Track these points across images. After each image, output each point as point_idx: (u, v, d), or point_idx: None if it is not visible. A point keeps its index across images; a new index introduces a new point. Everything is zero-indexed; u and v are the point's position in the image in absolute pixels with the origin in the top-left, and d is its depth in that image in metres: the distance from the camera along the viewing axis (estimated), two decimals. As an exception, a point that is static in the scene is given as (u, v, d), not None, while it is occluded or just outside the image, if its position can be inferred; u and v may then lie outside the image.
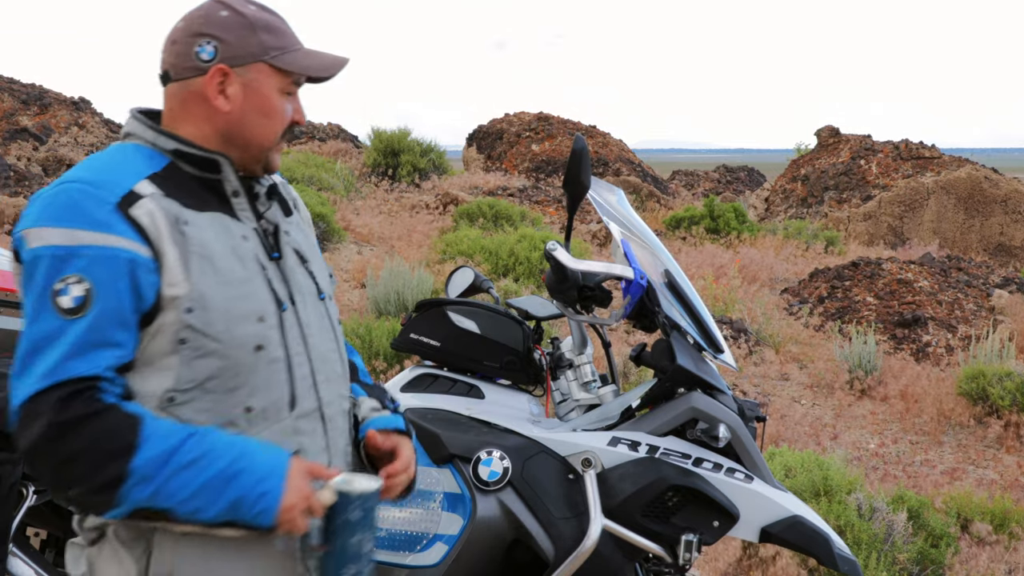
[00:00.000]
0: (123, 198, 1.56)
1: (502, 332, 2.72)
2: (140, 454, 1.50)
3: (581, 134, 3.85)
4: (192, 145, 1.67)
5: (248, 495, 1.54)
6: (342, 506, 1.59)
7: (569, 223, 2.67)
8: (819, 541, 2.48)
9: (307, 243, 1.85)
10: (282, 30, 1.71)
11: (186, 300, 1.57)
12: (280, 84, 1.70)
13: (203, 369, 1.59)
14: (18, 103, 17.44)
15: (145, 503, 1.51)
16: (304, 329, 1.72)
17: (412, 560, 2.42)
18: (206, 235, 1.62)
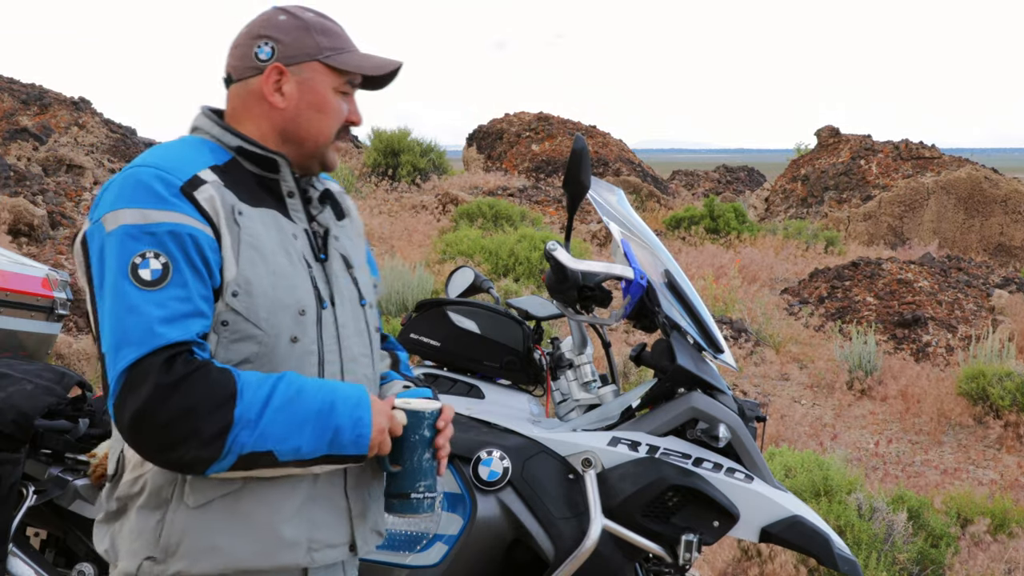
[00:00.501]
0: (188, 181, 1.66)
1: (502, 332, 2.72)
2: (241, 402, 1.59)
3: (581, 134, 3.85)
4: (254, 143, 1.76)
5: (345, 424, 1.64)
6: (414, 425, 1.71)
7: (569, 223, 2.67)
8: (819, 541, 2.48)
9: (355, 250, 1.91)
10: (337, 33, 1.80)
11: (233, 284, 1.65)
12: (334, 83, 1.78)
13: (239, 352, 1.67)
14: (18, 103, 17.44)
15: (251, 447, 1.59)
16: (340, 330, 1.78)
17: (412, 560, 2.42)
18: (258, 227, 1.70)
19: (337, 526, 1.77)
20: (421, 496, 1.74)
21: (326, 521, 1.75)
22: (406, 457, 1.72)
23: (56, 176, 13.60)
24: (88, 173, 13.90)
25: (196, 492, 1.67)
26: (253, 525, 1.68)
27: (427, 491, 1.74)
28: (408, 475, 1.73)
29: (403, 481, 1.73)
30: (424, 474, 1.73)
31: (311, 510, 1.73)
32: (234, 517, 1.67)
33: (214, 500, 1.67)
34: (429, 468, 1.74)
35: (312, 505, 1.73)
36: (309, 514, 1.73)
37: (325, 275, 1.79)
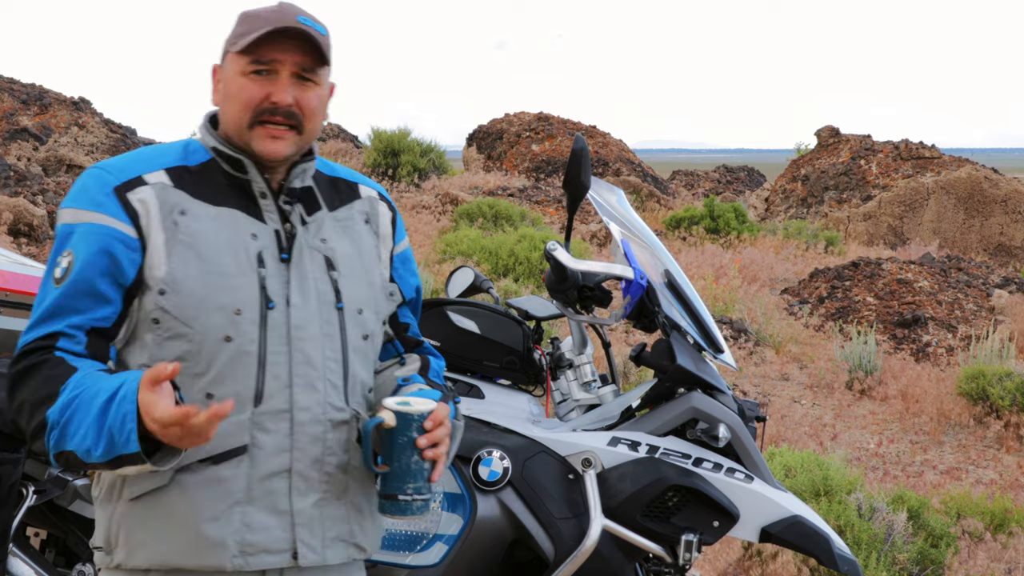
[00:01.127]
0: (125, 183, 1.71)
1: (502, 332, 2.72)
2: (56, 402, 1.60)
3: (581, 134, 3.85)
4: (226, 144, 1.77)
5: (115, 423, 1.55)
6: (402, 427, 1.69)
7: (569, 223, 2.67)
8: (819, 541, 2.48)
9: (352, 254, 1.85)
10: (257, 16, 1.73)
11: (161, 282, 1.67)
12: (240, 66, 1.73)
13: (173, 350, 1.68)
14: (18, 103, 17.44)
15: (56, 448, 1.61)
16: (293, 331, 1.73)
17: (412, 560, 2.42)
18: (202, 227, 1.71)
19: (275, 531, 1.71)
20: (410, 498, 1.71)
21: (263, 524, 1.70)
22: (394, 458, 1.70)
23: (56, 176, 13.61)
24: (88, 173, 13.89)
25: (132, 485, 1.69)
26: (176, 522, 1.67)
27: (416, 493, 1.72)
28: (396, 476, 1.71)
29: (392, 482, 1.71)
30: (413, 476, 1.71)
31: (246, 511, 1.69)
32: (160, 512, 1.68)
33: (146, 494, 1.68)
34: (418, 470, 1.71)
35: (248, 506, 1.69)
36: (243, 515, 1.68)
37: (287, 275, 1.75)
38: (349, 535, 1.82)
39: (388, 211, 1.98)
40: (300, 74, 1.75)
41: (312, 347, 1.75)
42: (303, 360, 1.74)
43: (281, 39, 1.72)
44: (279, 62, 1.73)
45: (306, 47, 1.74)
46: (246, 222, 1.74)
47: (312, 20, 1.76)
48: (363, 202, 1.93)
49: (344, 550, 1.81)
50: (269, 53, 1.72)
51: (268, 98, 1.73)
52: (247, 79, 1.73)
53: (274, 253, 1.75)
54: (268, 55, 1.72)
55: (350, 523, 1.82)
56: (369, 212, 1.94)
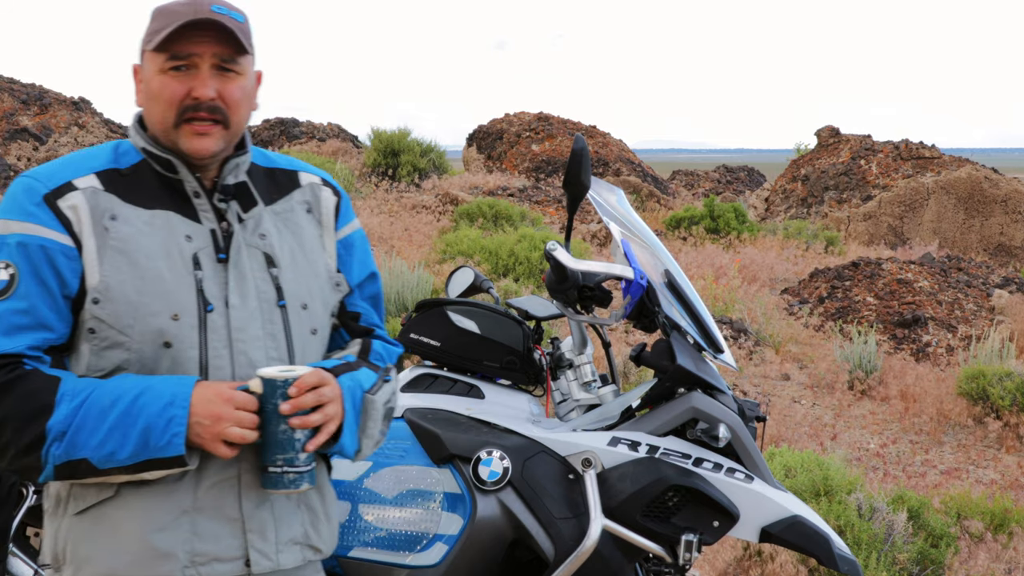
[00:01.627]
0: (54, 190, 1.66)
1: (502, 332, 2.72)
2: (56, 413, 1.57)
3: (581, 134, 3.85)
4: (156, 145, 1.73)
5: (156, 425, 1.57)
6: (268, 394, 1.63)
7: (569, 223, 2.67)
8: (819, 541, 2.48)
9: (295, 248, 1.81)
10: (170, 12, 1.68)
11: (94, 291, 1.64)
12: (157, 64, 1.69)
13: (111, 359, 1.65)
14: (18, 103, 17.44)
15: (64, 458, 1.57)
16: (234, 333, 1.70)
17: (412, 560, 2.42)
18: (134, 231, 1.67)
19: (227, 539, 1.69)
20: (280, 470, 1.64)
21: (214, 533, 1.68)
22: (263, 427, 1.63)
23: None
24: (88, 173, 13.90)
25: (76, 499, 1.66)
26: (124, 534, 1.64)
27: (287, 465, 1.64)
28: (266, 447, 1.64)
29: (263, 453, 1.65)
30: (281, 447, 1.64)
31: (195, 520, 1.66)
32: (106, 525, 1.64)
33: (91, 508, 1.65)
34: (287, 440, 1.64)
35: (197, 515, 1.67)
36: (192, 524, 1.66)
37: (225, 276, 1.71)
38: (304, 537, 1.79)
39: (332, 196, 1.92)
40: (220, 65, 1.70)
41: (254, 348, 1.71)
42: (246, 363, 1.70)
43: (197, 32, 1.67)
44: (197, 56, 1.68)
45: (223, 37, 1.68)
46: (180, 223, 1.70)
47: (227, 8, 1.70)
48: (303, 191, 1.88)
49: (299, 553, 1.78)
50: (186, 47, 1.67)
51: (190, 94, 1.68)
52: (166, 76, 1.68)
53: (211, 254, 1.71)
54: (185, 50, 1.67)
55: (304, 525, 1.80)
56: (311, 200, 1.88)
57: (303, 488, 1.67)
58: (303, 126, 21.24)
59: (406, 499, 2.45)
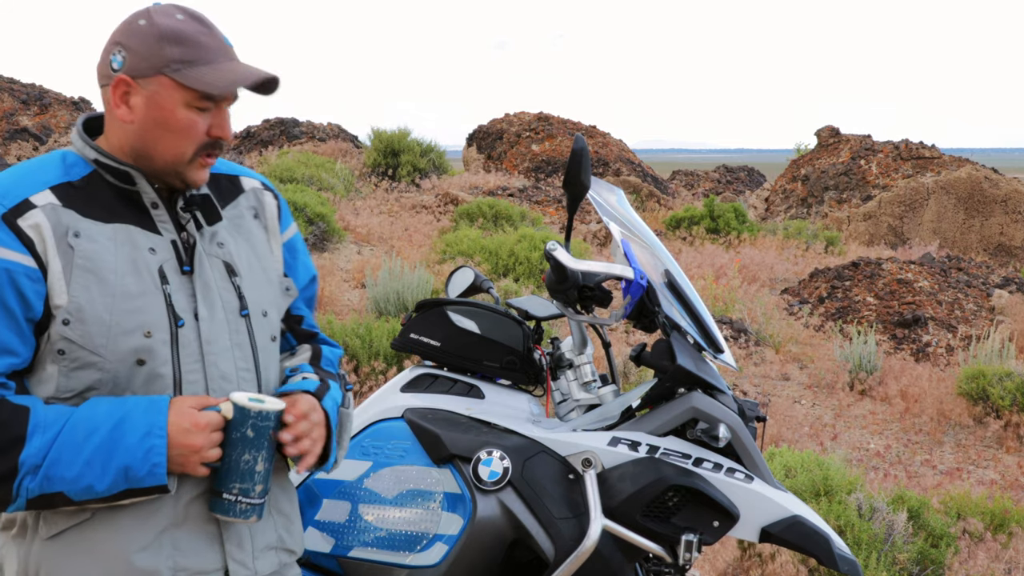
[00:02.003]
0: (12, 209, 1.59)
1: (502, 332, 2.72)
2: (28, 445, 1.52)
3: (581, 134, 3.85)
4: (109, 156, 1.67)
5: (135, 457, 1.55)
6: (237, 421, 1.62)
7: (569, 223, 2.67)
8: (819, 541, 2.48)
9: (249, 255, 1.80)
10: (198, 43, 1.65)
11: (63, 312, 1.58)
12: (184, 98, 1.64)
13: (82, 380, 1.61)
14: (18, 103, 17.45)
15: (37, 491, 1.54)
16: (205, 347, 1.68)
17: (412, 560, 2.42)
18: (98, 247, 1.62)
19: (206, 552, 1.68)
20: (234, 499, 1.63)
21: (193, 547, 1.67)
22: (225, 453, 1.62)
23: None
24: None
25: (48, 523, 1.62)
26: (104, 555, 1.61)
27: (242, 495, 1.63)
28: (224, 472, 1.63)
29: (219, 478, 1.63)
30: (240, 476, 1.62)
31: (175, 536, 1.65)
32: (84, 548, 1.61)
33: (65, 531, 1.61)
34: (248, 471, 1.62)
35: (176, 531, 1.66)
36: (173, 540, 1.65)
37: (191, 288, 1.69)
38: (278, 542, 1.81)
39: (273, 200, 1.91)
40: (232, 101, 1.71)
41: (224, 360, 1.71)
42: (218, 375, 1.69)
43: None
44: (225, 101, 1.68)
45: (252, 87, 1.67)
46: (142, 236, 1.67)
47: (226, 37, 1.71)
48: (248, 196, 1.87)
49: (275, 557, 1.79)
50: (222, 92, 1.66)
51: (210, 132, 1.67)
52: (192, 112, 1.65)
53: (175, 266, 1.68)
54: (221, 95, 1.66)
55: (278, 530, 1.81)
56: (256, 206, 1.87)
57: (251, 520, 1.67)
58: (303, 126, 21.25)
59: (406, 499, 2.45)
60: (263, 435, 1.63)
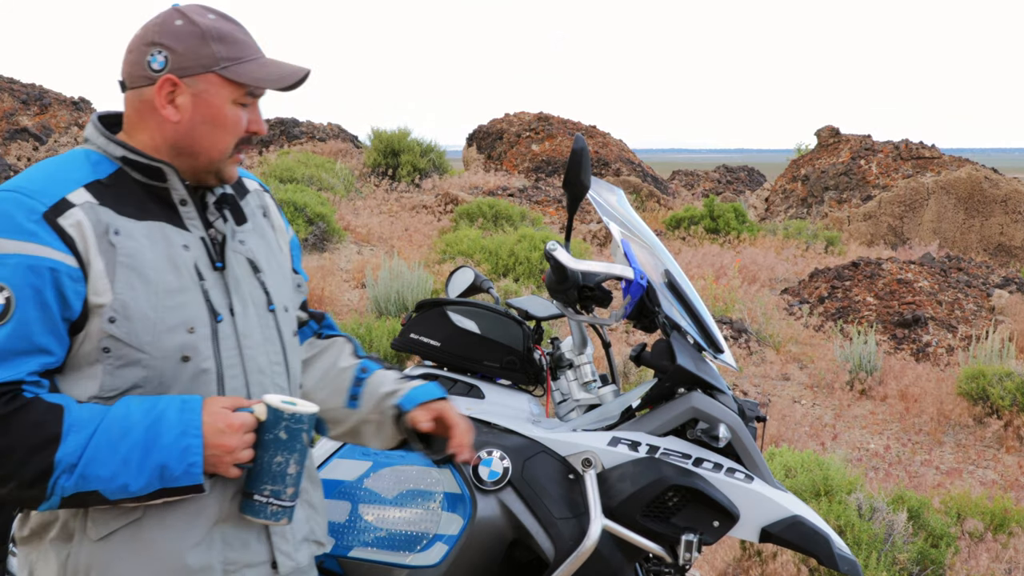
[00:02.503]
0: (52, 207, 1.58)
1: (502, 332, 2.72)
2: (64, 444, 1.53)
3: (581, 134, 3.85)
4: (139, 153, 1.68)
5: (172, 456, 1.56)
6: (270, 423, 1.62)
7: (569, 223, 2.67)
8: (819, 541, 2.48)
9: (267, 252, 1.83)
10: (239, 40, 1.69)
11: (109, 310, 1.58)
12: (232, 95, 1.68)
13: (127, 378, 1.61)
14: (18, 103, 17.44)
15: (72, 490, 1.54)
16: (242, 340, 1.71)
17: (412, 560, 2.42)
18: (138, 245, 1.62)
19: (254, 544, 1.71)
20: (265, 500, 1.63)
21: (242, 540, 1.69)
22: (258, 454, 1.63)
23: (56, 176, 13.61)
24: (88, 173, 13.90)
25: (97, 524, 1.62)
26: (157, 554, 1.62)
27: (273, 497, 1.63)
28: (254, 474, 1.64)
29: (249, 479, 1.64)
30: (271, 478, 1.63)
31: (224, 530, 1.67)
32: (137, 548, 1.62)
33: (116, 531, 1.62)
34: (279, 473, 1.63)
35: (225, 525, 1.67)
36: (223, 535, 1.67)
37: (224, 284, 1.71)
38: (311, 533, 1.83)
39: (272, 200, 1.96)
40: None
41: (259, 354, 1.73)
42: (255, 368, 1.72)
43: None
44: (264, 93, 1.73)
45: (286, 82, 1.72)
46: (174, 233, 1.68)
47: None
48: (253, 196, 1.90)
49: (308, 549, 1.82)
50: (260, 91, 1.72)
51: (250, 127, 1.72)
52: (237, 108, 1.69)
53: (206, 263, 1.70)
54: (261, 89, 1.71)
55: (310, 522, 1.84)
56: (263, 205, 1.91)
57: (282, 522, 1.68)
58: (303, 126, 21.24)
59: (406, 499, 2.45)
60: (296, 437, 1.64)
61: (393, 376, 1.96)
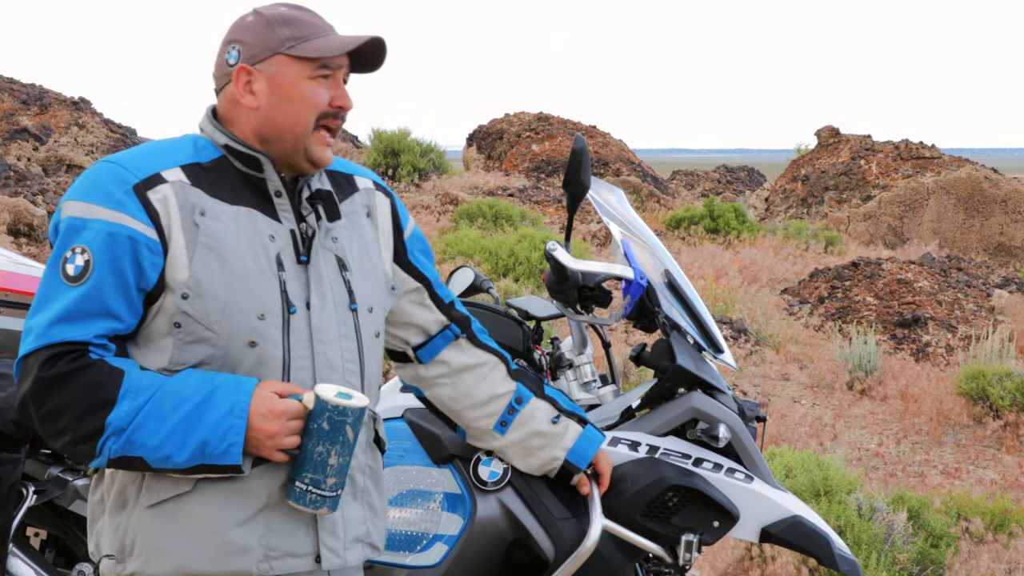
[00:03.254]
0: (144, 180, 1.66)
1: (502, 332, 2.72)
2: (118, 408, 1.58)
3: (581, 134, 3.85)
4: (239, 141, 1.75)
5: (214, 434, 1.60)
6: (315, 412, 1.65)
7: (569, 223, 2.67)
8: (819, 541, 2.48)
9: (361, 252, 1.86)
10: (304, 21, 1.75)
11: (183, 286, 1.64)
12: (304, 71, 1.73)
13: (195, 354, 1.66)
14: (18, 103, 17.44)
15: (119, 452, 1.59)
16: (315, 335, 1.73)
17: (412, 560, 2.42)
18: (223, 227, 1.68)
19: (300, 535, 1.72)
20: (305, 488, 1.66)
21: (287, 529, 1.70)
22: (302, 442, 1.66)
23: (56, 176, 13.60)
24: (88, 173, 13.90)
25: (150, 492, 1.66)
26: (202, 529, 1.65)
27: (313, 486, 1.66)
28: (300, 461, 1.66)
29: (296, 465, 1.67)
30: (313, 466, 1.65)
31: (270, 516, 1.69)
32: (183, 520, 1.65)
33: (166, 501, 1.65)
34: (320, 463, 1.65)
35: (272, 511, 1.69)
36: (268, 520, 1.69)
37: (306, 278, 1.75)
38: (366, 535, 1.84)
39: (386, 199, 1.98)
40: (346, 79, 1.80)
41: (332, 349, 1.76)
42: (325, 363, 1.75)
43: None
44: (339, 69, 1.76)
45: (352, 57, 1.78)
46: (264, 222, 1.73)
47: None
48: (362, 195, 1.93)
49: (362, 550, 1.83)
50: (336, 60, 1.75)
51: (333, 102, 1.76)
52: (314, 83, 1.74)
53: (291, 255, 1.74)
54: (336, 62, 1.75)
55: (367, 523, 1.84)
56: (369, 205, 1.93)
57: (322, 511, 1.70)
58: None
59: (406, 499, 2.45)
60: (339, 429, 1.65)
61: (546, 413, 2.16)
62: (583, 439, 2.20)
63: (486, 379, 2.12)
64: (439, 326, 2.07)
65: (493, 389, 2.12)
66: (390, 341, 2.09)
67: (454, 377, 2.11)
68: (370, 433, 1.85)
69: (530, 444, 2.20)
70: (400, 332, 2.07)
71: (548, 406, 2.17)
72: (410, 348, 2.09)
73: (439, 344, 2.08)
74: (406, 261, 2.00)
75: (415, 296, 2.03)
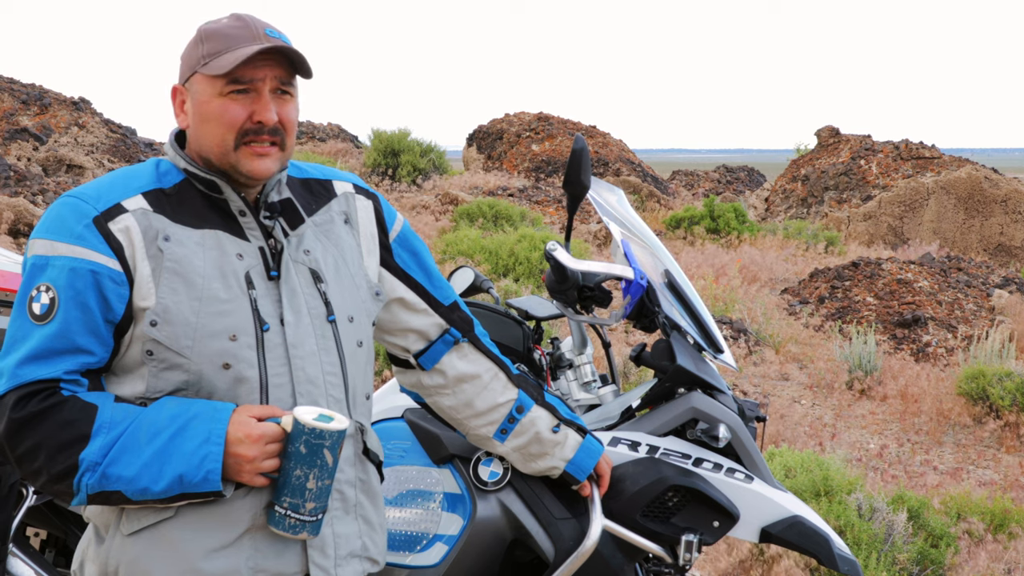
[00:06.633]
0: (104, 212, 1.64)
1: (502, 332, 2.72)
2: (91, 444, 1.56)
3: (581, 134, 3.85)
4: (197, 166, 1.72)
5: (191, 463, 1.58)
6: (293, 435, 1.62)
7: (569, 223, 2.67)
8: (819, 541, 2.48)
9: (336, 261, 1.82)
10: (223, 35, 1.69)
11: (151, 313, 1.62)
12: (215, 88, 1.68)
13: (170, 381, 1.64)
14: (18, 103, 17.44)
15: (96, 488, 1.57)
16: (291, 351, 1.70)
17: (412, 560, 2.42)
18: (187, 251, 1.65)
19: (288, 555, 1.69)
20: (284, 512, 1.63)
21: (275, 549, 1.68)
22: (281, 465, 1.63)
23: (56, 176, 13.60)
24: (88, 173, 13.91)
25: (130, 519, 1.64)
26: (181, 554, 1.63)
27: (291, 510, 1.62)
28: (278, 485, 1.64)
29: (275, 490, 1.64)
30: (291, 490, 1.62)
31: (256, 537, 1.67)
32: (163, 546, 1.63)
33: (146, 528, 1.63)
34: (299, 487, 1.62)
35: (258, 531, 1.67)
36: (254, 541, 1.66)
37: (278, 294, 1.72)
38: (362, 550, 1.81)
39: (367, 201, 1.93)
40: (279, 88, 1.72)
41: (311, 364, 1.72)
42: (305, 379, 1.71)
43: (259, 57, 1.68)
44: (260, 81, 1.69)
45: (284, 62, 1.71)
46: (230, 243, 1.70)
47: (277, 31, 1.73)
48: (339, 200, 1.89)
49: (358, 566, 1.80)
50: (248, 72, 1.68)
51: (251, 118, 1.69)
52: (226, 100, 1.68)
53: (261, 272, 1.71)
54: (248, 75, 1.68)
55: (362, 538, 1.81)
56: (347, 211, 1.89)
57: (301, 536, 1.66)
58: (303, 126, 21.26)
59: (406, 499, 2.45)
60: (316, 453, 1.62)
61: (546, 422, 2.17)
62: (583, 450, 2.21)
63: (487, 388, 2.11)
64: (439, 330, 2.03)
65: (494, 399, 2.11)
66: (390, 349, 2.07)
67: (455, 387, 2.09)
68: (358, 446, 1.82)
69: (529, 451, 2.21)
70: (398, 340, 2.03)
71: (548, 415, 2.17)
72: (411, 355, 2.06)
73: (440, 349, 2.05)
74: (393, 264, 1.96)
75: (406, 300, 1.99)
